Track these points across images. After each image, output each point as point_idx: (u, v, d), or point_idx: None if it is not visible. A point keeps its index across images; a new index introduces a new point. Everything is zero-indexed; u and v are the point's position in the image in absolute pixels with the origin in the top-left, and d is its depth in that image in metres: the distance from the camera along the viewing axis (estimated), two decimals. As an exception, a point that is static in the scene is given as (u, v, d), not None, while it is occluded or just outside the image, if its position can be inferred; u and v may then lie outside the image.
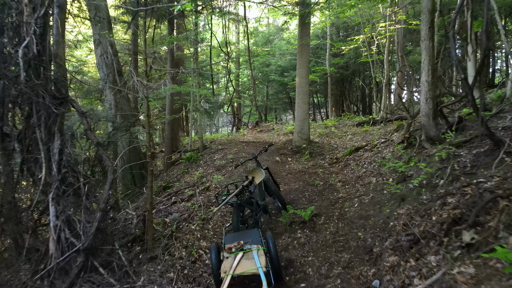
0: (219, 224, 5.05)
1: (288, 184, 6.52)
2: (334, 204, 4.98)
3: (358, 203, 4.57)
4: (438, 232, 2.77)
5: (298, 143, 8.43)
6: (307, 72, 8.45)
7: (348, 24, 15.13)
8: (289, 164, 7.76)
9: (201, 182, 7.20)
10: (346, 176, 6.30)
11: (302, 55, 8.39)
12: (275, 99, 22.09)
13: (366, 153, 6.94)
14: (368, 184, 5.14)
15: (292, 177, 6.91)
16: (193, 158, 8.65)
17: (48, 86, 3.75)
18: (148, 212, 4.22)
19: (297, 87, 8.52)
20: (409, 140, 5.06)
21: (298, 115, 8.48)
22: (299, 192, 5.95)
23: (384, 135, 7.95)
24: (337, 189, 5.67)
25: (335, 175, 6.63)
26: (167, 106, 9.14)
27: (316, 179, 6.51)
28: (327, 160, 7.65)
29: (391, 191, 4.23)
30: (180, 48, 12.56)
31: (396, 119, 9.94)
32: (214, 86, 22.31)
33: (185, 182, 7.63)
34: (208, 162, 8.27)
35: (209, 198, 5.94)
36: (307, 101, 8.49)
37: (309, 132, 8.65)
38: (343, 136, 10.09)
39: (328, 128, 11.47)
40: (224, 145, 9.33)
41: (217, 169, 7.59)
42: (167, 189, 7.67)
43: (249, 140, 10.70)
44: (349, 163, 6.95)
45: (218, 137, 12.54)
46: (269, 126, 14.77)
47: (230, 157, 7.91)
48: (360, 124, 11.01)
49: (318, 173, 6.93)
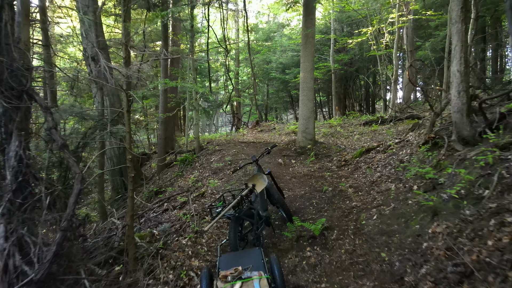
0: (214, 237, 4.36)
1: (292, 189, 5.83)
2: (347, 215, 4.29)
3: (377, 215, 3.88)
4: (499, 263, 2.08)
5: (303, 144, 7.74)
6: (312, 66, 7.77)
7: (352, 19, 14.45)
8: (293, 166, 7.08)
9: (196, 187, 6.53)
10: (357, 181, 5.62)
11: (306, 47, 7.70)
12: (275, 98, 21.43)
13: (378, 155, 6.25)
14: (386, 192, 4.45)
15: (296, 181, 6.23)
16: (188, 160, 7.97)
17: (2, 76, 3.07)
18: (128, 227, 3.54)
19: (301, 82, 7.84)
20: (435, 140, 4.37)
21: (302, 113, 7.80)
22: (306, 200, 5.26)
23: (397, 135, 7.27)
24: (349, 197, 4.98)
25: (345, 179, 5.95)
26: (161, 104, 8.46)
27: (323, 184, 5.83)
28: (335, 163, 6.97)
29: (418, 202, 3.55)
30: (176, 43, 11.89)
31: (407, 117, 9.26)
32: (213, 84, 21.66)
33: (179, 186, 6.95)
34: (204, 165, 7.58)
35: (203, 205, 5.26)
36: (312, 98, 7.81)
37: (314, 131, 7.97)
38: (349, 136, 9.42)
39: (333, 128, 10.79)
40: (222, 146, 8.65)
41: (214, 172, 6.91)
42: (159, 194, 6.99)
43: (249, 140, 10.02)
44: (359, 166, 6.27)
45: (216, 137, 11.87)
46: (269, 125, 14.09)
47: (228, 159, 7.23)
48: (367, 123, 10.33)
49: (325, 177, 6.25)
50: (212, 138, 11.23)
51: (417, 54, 11.56)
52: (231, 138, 10.74)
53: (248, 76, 22.33)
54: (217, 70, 19.71)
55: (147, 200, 7.17)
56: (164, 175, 8.33)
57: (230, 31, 19.35)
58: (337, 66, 13.01)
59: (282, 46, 16.41)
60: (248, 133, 12.84)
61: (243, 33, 21.05)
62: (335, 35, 12.87)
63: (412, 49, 10.76)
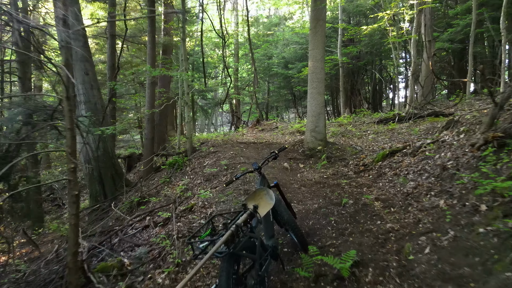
0: (203, 273, 3.23)
1: (302, 202, 4.70)
2: (383, 243, 3.15)
3: (431, 247, 2.75)
4: None
5: (312, 145, 6.61)
6: (322, 54, 6.63)
7: (361, 8, 13.32)
8: (302, 172, 5.94)
9: (185, 197, 5.40)
10: (385, 192, 4.48)
11: (316, 32, 6.57)
12: (276, 96, 20.31)
13: (407, 159, 5.12)
14: (433, 210, 3.32)
15: (307, 191, 5.10)
16: (178, 164, 6.84)
17: None
18: (68, 270, 2.40)
19: (309, 73, 6.71)
20: (502, 141, 3.24)
21: (311, 109, 6.67)
22: (321, 216, 4.13)
23: (424, 134, 6.14)
24: (378, 214, 3.85)
25: (367, 189, 4.82)
26: (147, 98, 7.32)
27: (341, 194, 4.69)
28: (352, 167, 5.84)
29: (498, 232, 2.42)
30: (168, 33, 10.75)
31: (429, 114, 8.12)
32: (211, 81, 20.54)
33: (165, 196, 5.82)
34: (196, 169, 6.45)
35: (191, 224, 4.13)
36: (323, 91, 6.68)
37: (325, 130, 6.84)
38: (363, 135, 8.28)
39: (343, 127, 9.66)
40: (218, 147, 7.52)
41: (207, 179, 5.77)
42: (141, 206, 5.85)
43: (249, 140, 8.89)
44: (384, 172, 5.13)
45: (212, 137, 10.73)
46: (271, 124, 12.96)
47: (224, 163, 6.09)
48: (382, 121, 9.19)
49: (341, 185, 5.12)
50: (208, 138, 10.10)
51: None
52: (229, 138, 9.61)
53: (248, 73, 21.22)
54: (214, 65, 18.57)
55: (128, 212, 6.04)
56: (151, 181, 7.19)
57: (229, 26, 18.21)
58: (345, 60, 11.88)
59: (284, 39, 15.27)
60: (248, 133, 11.71)
61: (243, 27, 19.94)
62: (344, 24, 11.72)
63: (431, 38, 9.63)
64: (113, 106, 8.75)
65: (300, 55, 14.34)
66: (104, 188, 7.13)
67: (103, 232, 5.33)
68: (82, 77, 7.22)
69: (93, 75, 7.46)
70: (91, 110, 7.23)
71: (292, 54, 14.59)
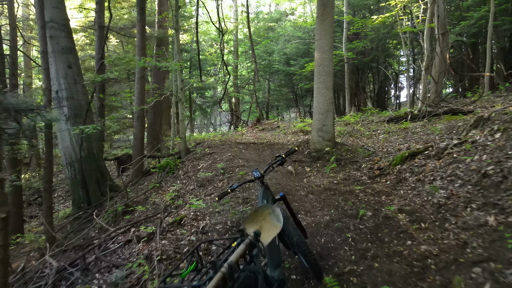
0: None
1: (311, 212, 4.01)
2: (420, 273, 2.46)
3: (492, 284, 2.06)
4: None
5: (319, 146, 5.92)
6: (331, 44, 5.95)
7: (366, 2, 12.65)
8: (308, 176, 5.26)
9: (175, 206, 4.71)
10: (408, 201, 3.80)
11: (323, 20, 5.88)
12: (277, 95, 19.62)
13: (430, 162, 4.43)
14: (481, 228, 2.63)
15: (315, 199, 4.41)
16: (169, 167, 6.15)
17: None
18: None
19: (316, 66, 6.03)
20: None
21: (318, 106, 5.98)
22: (334, 232, 3.44)
23: (448, 134, 5.46)
24: (405, 230, 3.16)
25: (386, 197, 4.13)
26: (136, 94, 6.63)
27: (356, 204, 4.02)
28: (365, 171, 5.15)
29: None
30: (163, 27, 10.06)
31: (445, 112, 7.44)
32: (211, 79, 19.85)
33: (153, 204, 5.13)
34: (189, 173, 5.76)
35: (179, 241, 3.44)
36: (331, 85, 5.99)
37: (334, 129, 6.16)
38: (372, 135, 7.60)
39: (350, 126, 8.98)
40: (214, 148, 6.83)
41: (200, 184, 5.09)
42: (126, 215, 5.16)
43: (249, 141, 8.21)
44: (404, 178, 4.45)
45: (209, 137, 10.04)
46: (272, 123, 12.27)
47: (220, 166, 5.40)
48: (392, 120, 8.51)
49: (355, 192, 4.43)
50: (205, 138, 9.42)
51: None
52: (227, 138, 8.92)
53: (248, 70, 20.54)
54: (213, 62, 17.89)
55: (112, 221, 5.35)
56: (140, 186, 6.51)
57: (228, 21, 17.52)
58: (351, 55, 11.19)
59: (286, 34, 14.58)
60: (248, 132, 11.03)
61: (243, 23, 19.25)
62: (350, 16, 11.01)
63: (445, 31, 8.94)
64: (101, 103, 8.05)
65: (303, 51, 13.66)
66: (88, 193, 6.44)
67: (81, 246, 4.65)
68: (64, 70, 6.53)
69: (77, 68, 6.76)
70: (74, 107, 6.54)
71: (294, 50, 13.90)
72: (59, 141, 6.60)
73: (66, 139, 6.44)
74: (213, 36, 18.59)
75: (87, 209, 6.21)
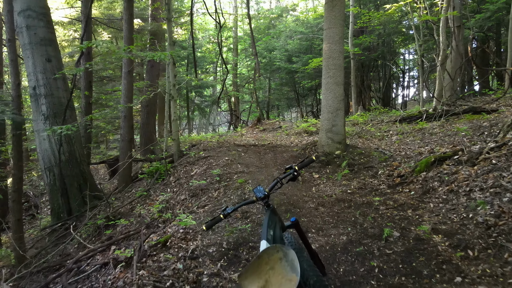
0: None
1: (324, 230, 3.34)
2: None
3: None
4: None
5: (328, 149, 5.24)
6: (341, 34, 5.27)
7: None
8: (317, 184, 4.58)
9: (163, 220, 4.04)
10: (443, 218, 3.13)
11: (333, 6, 5.20)
12: (278, 94, 18.93)
13: (463, 169, 3.75)
14: None
15: (327, 213, 3.73)
16: (159, 173, 5.47)
17: None
18: None
19: (324, 58, 5.35)
20: None
21: (327, 103, 5.30)
22: (355, 258, 2.77)
23: (478, 136, 4.77)
24: (448, 259, 2.49)
25: (413, 212, 3.45)
26: (123, 91, 5.95)
27: (377, 220, 3.35)
28: (383, 179, 4.47)
29: None
30: (156, 19, 9.38)
31: (465, 111, 6.75)
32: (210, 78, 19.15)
33: (139, 216, 4.46)
34: (181, 180, 5.08)
35: (160, 272, 2.76)
36: (342, 81, 5.31)
37: (345, 130, 5.48)
38: (384, 136, 6.92)
39: (358, 126, 8.30)
40: (210, 151, 6.14)
41: (193, 194, 4.41)
42: (108, 229, 4.47)
43: (249, 142, 7.53)
44: (432, 188, 3.77)
45: (207, 138, 9.35)
46: (273, 123, 11.59)
47: (216, 172, 4.71)
48: (405, 119, 7.83)
49: (374, 204, 3.75)
50: (202, 139, 8.74)
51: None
52: (225, 140, 8.24)
53: (248, 69, 19.86)
54: (212, 60, 17.20)
55: (93, 236, 4.67)
56: (127, 193, 5.82)
57: (227, 14, 16.82)
58: (357, 51, 10.51)
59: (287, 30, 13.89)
60: (248, 133, 10.35)
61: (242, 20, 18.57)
62: (358, 8, 10.31)
63: (460, 24, 8.27)
64: (88, 101, 7.37)
65: (306, 47, 12.97)
66: (69, 201, 5.76)
67: (51, 268, 3.97)
68: (42, 64, 5.85)
69: (58, 62, 6.08)
70: (54, 105, 5.86)
71: (296, 46, 13.22)
72: (36, 143, 5.92)
73: (45, 141, 5.76)
74: (212, 33, 17.90)
75: (67, 219, 5.53)
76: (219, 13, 8.76)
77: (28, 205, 10.74)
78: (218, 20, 8.16)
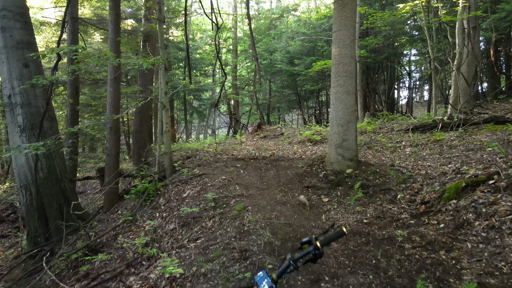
0: None
1: (339, 276, 2.73)
2: None
3: None
4: None
5: (338, 166, 4.64)
6: (352, 37, 4.67)
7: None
8: (328, 211, 3.97)
9: (147, 257, 3.44)
10: (488, 266, 2.53)
11: (344, 5, 4.60)
12: (279, 96, 18.32)
13: (505, 199, 3.15)
14: None
15: (341, 251, 3.13)
16: (148, 192, 4.86)
17: None
18: None
19: (334, 64, 4.74)
20: None
21: (337, 115, 4.69)
22: (384, 326, 2.15)
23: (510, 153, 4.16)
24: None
25: (447, 254, 2.86)
26: (109, 100, 5.34)
27: (404, 264, 2.75)
28: (403, 205, 3.87)
29: None
30: (150, 19, 8.77)
31: (487, 120, 6.15)
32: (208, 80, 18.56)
33: (120, 248, 3.85)
34: (172, 203, 4.47)
35: None
36: (353, 90, 4.71)
37: (357, 145, 4.87)
38: (397, 148, 6.31)
39: (367, 135, 7.69)
40: (206, 167, 5.53)
41: (183, 223, 3.80)
42: (85, 264, 3.87)
43: (249, 153, 6.91)
44: (467, 221, 3.17)
45: (204, 146, 8.73)
46: (275, 130, 10.98)
47: (210, 196, 4.10)
48: (418, 128, 7.22)
49: (397, 240, 3.15)
50: (198, 148, 8.12)
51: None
52: (223, 149, 7.63)
53: (248, 70, 19.26)
54: (211, 62, 16.59)
55: (68, 270, 4.07)
56: (112, 215, 5.21)
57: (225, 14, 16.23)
58: (364, 53, 9.91)
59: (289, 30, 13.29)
60: (248, 140, 9.74)
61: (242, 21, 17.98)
62: (365, 7, 9.72)
63: (476, 24, 7.67)
64: (73, 108, 6.76)
65: (308, 49, 12.37)
66: (48, 224, 5.16)
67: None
68: (19, 70, 5.26)
69: (37, 67, 5.48)
70: (31, 115, 5.26)
71: (298, 48, 12.61)
72: (12, 158, 5.33)
73: (21, 155, 5.15)
74: (210, 34, 17.30)
75: (44, 245, 4.93)
76: (217, 14, 8.14)
77: (15, 217, 10.12)
78: (215, 21, 7.55)
